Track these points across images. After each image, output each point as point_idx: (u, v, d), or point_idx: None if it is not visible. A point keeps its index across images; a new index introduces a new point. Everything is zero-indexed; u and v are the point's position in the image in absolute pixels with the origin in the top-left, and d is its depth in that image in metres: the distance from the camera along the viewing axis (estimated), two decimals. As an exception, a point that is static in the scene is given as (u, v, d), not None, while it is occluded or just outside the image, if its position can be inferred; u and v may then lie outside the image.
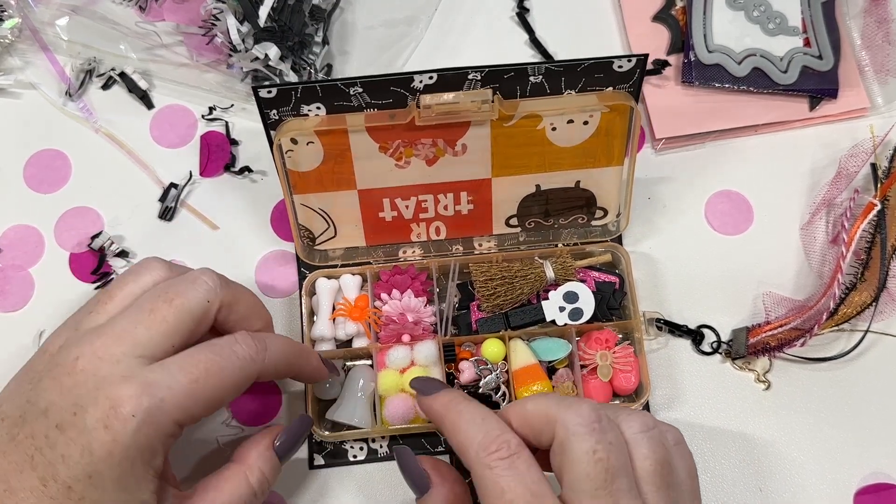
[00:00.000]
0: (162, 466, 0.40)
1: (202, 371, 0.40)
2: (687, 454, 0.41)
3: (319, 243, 0.58)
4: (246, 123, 0.63)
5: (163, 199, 0.61)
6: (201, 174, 0.62)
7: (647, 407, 0.55)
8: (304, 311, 0.56)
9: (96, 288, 0.59)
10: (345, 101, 0.49)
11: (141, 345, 0.40)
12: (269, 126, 0.50)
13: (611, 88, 0.50)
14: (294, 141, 0.51)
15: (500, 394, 0.53)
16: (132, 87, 0.63)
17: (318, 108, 0.49)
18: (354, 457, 0.54)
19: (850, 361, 0.56)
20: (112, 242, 0.59)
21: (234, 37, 0.59)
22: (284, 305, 0.58)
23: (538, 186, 0.55)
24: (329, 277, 0.56)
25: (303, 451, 0.54)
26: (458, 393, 0.44)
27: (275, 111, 0.49)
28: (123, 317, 0.42)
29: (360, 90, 0.48)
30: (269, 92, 0.48)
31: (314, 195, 0.54)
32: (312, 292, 0.56)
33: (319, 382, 0.53)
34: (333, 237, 0.57)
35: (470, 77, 0.48)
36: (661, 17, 0.64)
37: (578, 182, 0.55)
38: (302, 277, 0.58)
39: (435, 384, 0.46)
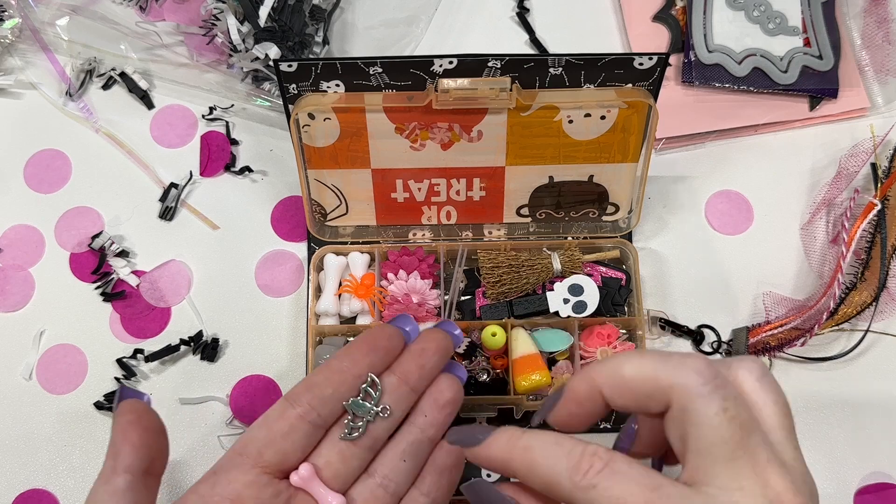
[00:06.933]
0: None
1: None
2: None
3: (331, 219, 0.58)
4: (246, 123, 0.63)
5: (163, 199, 0.61)
6: (201, 174, 0.62)
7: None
8: (310, 285, 0.56)
9: (96, 288, 0.59)
10: (364, 81, 0.49)
11: None
12: (288, 100, 0.50)
13: (630, 85, 0.50)
14: (311, 116, 0.51)
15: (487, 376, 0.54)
16: (132, 87, 0.63)
17: (338, 85, 0.50)
18: None
19: (850, 361, 0.56)
20: (112, 242, 0.59)
21: (235, 37, 0.59)
22: (285, 305, 0.58)
23: (551, 178, 0.56)
24: (337, 254, 0.57)
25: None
26: (513, 429, 0.36)
27: (294, 86, 0.50)
28: None
29: (380, 70, 0.49)
30: (290, 66, 0.48)
31: (328, 171, 0.55)
32: (320, 267, 0.57)
33: (319, 358, 0.53)
34: (345, 214, 0.58)
35: (490, 64, 0.48)
36: (662, 16, 0.65)
37: (592, 176, 0.55)
38: (311, 252, 0.58)
39: (480, 430, 0.37)
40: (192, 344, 0.57)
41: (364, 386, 0.41)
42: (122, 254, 0.59)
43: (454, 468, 0.43)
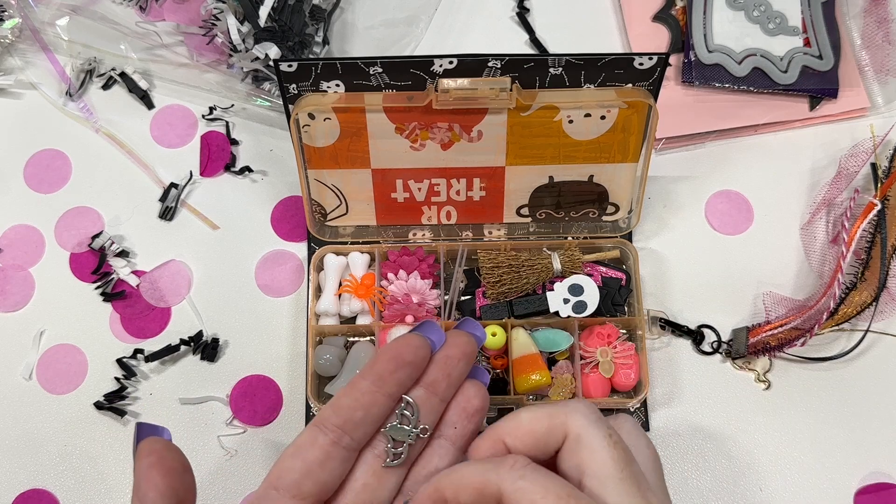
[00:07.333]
0: None
1: None
2: None
3: (331, 219, 0.58)
4: (246, 123, 0.63)
5: (163, 198, 0.61)
6: (201, 174, 0.62)
7: (644, 404, 0.55)
8: (310, 285, 0.56)
9: (96, 288, 0.59)
10: (364, 80, 0.49)
11: None
12: (288, 100, 0.50)
13: (630, 85, 0.50)
14: (311, 116, 0.51)
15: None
16: (132, 87, 0.63)
17: (338, 85, 0.50)
18: None
19: (850, 361, 0.56)
20: (112, 242, 0.59)
21: (235, 37, 0.59)
22: (285, 305, 0.58)
23: (551, 178, 0.56)
24: (338, 254, 0.57)
25: (300, 422, 0.55)
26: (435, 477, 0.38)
27: (294, 86, 0.50)
28: None
29: (380, 70, 0.49)
30: (290, 66, 0.48)
31: (328, 171, 0.55)
32: (320, 268, 0.57)
33: (319, 358, 0.53)
34: (345, 214, 0.58)
35: (490, 64, 0.48)
36: (662, 16, 0.65)
37: (592, 176, 0.55)
38: (311, 252, 0.58)
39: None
40: (192, 344, 0.57)
41: (400, 410, 0.39)
42: (122, 254, 0.59)
43: None
